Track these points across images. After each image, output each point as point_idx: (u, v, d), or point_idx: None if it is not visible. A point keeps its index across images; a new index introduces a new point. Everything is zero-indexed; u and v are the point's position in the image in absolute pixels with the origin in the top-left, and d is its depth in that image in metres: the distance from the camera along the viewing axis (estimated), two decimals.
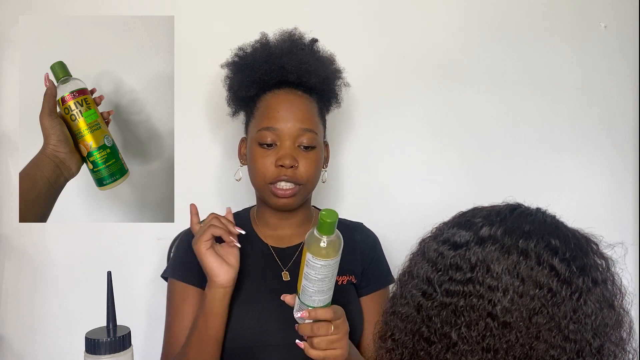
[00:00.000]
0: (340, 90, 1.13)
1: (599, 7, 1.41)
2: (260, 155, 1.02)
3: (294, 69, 1.04)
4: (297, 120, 1.02)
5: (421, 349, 0.61)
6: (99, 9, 1.27)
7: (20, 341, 1.28)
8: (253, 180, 1.05)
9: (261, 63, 1.04)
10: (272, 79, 1.05)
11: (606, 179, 1.43)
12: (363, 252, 1.10)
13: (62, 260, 1.28)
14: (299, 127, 1.02)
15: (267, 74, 1.04)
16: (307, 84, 1.06)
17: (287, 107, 1.03)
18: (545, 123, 1.40)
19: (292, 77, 1.05)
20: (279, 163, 1.00)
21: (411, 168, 1.38)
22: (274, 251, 1.08)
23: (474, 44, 1.38)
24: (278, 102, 1.03)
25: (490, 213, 0.64)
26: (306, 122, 1.03)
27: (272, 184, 1.02)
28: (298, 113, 1.03)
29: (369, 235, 1.14)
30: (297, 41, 1.08)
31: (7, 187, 1.26)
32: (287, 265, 1.06)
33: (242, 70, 1.06)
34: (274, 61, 1.04)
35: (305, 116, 1.04)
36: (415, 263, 0.66)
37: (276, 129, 1.01)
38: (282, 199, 1.02)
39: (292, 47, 1.07)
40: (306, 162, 1.03)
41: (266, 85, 1.05)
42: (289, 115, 1.02)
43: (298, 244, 1.08)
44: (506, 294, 0.58)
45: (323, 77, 1.08)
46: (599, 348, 0.58)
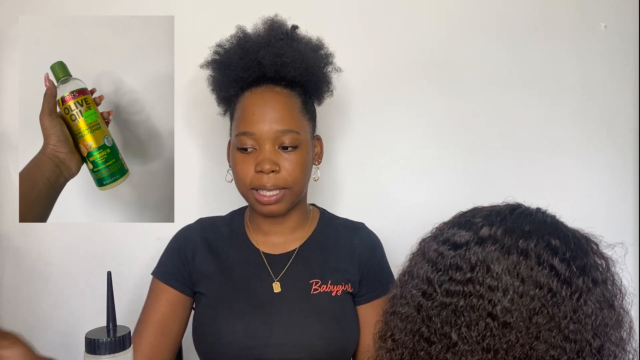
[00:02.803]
0: (330, 77, 1.05)
1: (599, 7, 1.41)
2: (240, 160, 0.97)
3: (270, 63, 0.97)
4: (274, 122, 0.96)
5: (421, 349, 0.61)
6: (99, 9, 1.27)
7: None
8: (236, 185, 1.01)
9: (237, 60, 0.98)
10: (250, 76, 0.99)
11: (606, 179, 1.43)
12: (361, 257, 1.04)
13: (62, 260, 1.28)
14: (277, 128, 0.95)
15: (244, 70, 0.98)
16: (286, 77, 0.99)
17: (262, 108, 0.96)
18: (545, 123, 1.40)
19: (269, 72, 0.98)
20: (258, 169, 0.95)
21: (411, 168, 1.37)
22: (266, 258, 1.03)
23: (473, 43, 1.38)
24: (253, 103, 0.97)
25: (490, 213, 0.64)
26: (285, 122, 0.96)
27: (254, 190, 0.97)
28: (274, 113, 0.96)
29: (369, 239, 1.08)
30: (276, 31, 1.00)
31: (7, 187, 1.26)
32: (278, 274, 1.01)
33: (221, 68, 1.01)
34: (250, 57, 0.98)
35: (284, 115, 0.97)
36: (415, 263, 0.66)
37: (253, 133, 0.95)
38: (267, 206, 0.97)
39: (270, 38, 0.99)
40: (288, 163, 0.96)
41: (245, 83, 0.99)
42: (265, 117, 0.96)
43: (291, 250, 1.03)
44: (506, 294, 0.58)
45: (305, 67, 0.99)
46: (599, 348, 0.59)
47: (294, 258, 1.03)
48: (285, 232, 1.04)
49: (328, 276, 1.01)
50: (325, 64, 1.04)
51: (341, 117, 1.34)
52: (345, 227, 1.09)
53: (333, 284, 1.00)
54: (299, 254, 1.03)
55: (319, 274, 1.01)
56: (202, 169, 1.32)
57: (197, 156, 1.31)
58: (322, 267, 1.02)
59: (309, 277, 1.01)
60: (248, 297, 0.99)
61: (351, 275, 1.02)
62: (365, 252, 1.05)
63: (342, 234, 1.07)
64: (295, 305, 0.98)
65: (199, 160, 1.32)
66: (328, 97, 1.09)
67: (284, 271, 1.01)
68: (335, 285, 1.00)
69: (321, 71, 1.03)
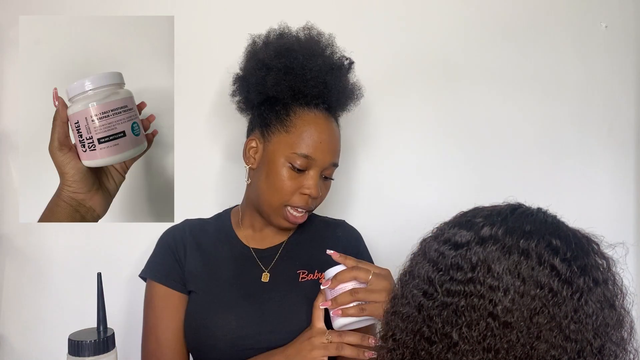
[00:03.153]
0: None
1: (600, 7, 1.41)
2: (289, 177, 0.98)
3: (336, 92, 1.01)
4: (332, 154, 1.00)
5: (422, 349, 0.61)
6: (99, 9, 1.27)
7: (21, 341, 1.28)
8: (266, 194, 1.00)
9: (309, 77, 0.98)
10: (312, 94, 0.99)
11: (607, 179, 1.43)
12: (345, 248, 1.05)
13: (62, 260, 1.28)
14: (331, 161, 1.00)
15: (311, 88, 0.99)
16: (337, 109, 1.05)
17: (327, 138, 0.99)
18: (546, 123, 1.40)
19: (331, 100, 1.02)
20: (307, 192, 0.98)
21: (412, 168, 1.37)
22: (255, 253, 1.06)
23: (475, 44, 1.38)
24: (320, 130, 0.99)
25: (491, 213, 0.64)
26: (337, 156, 1.02)
27: (288, 207, 0.99)
28: (335, 146, 1.01)
29: (352, 232, 1.13)
30: (337, 56, 1.04)
31: (7, 187, 1.26)
32: (268, 266, 1.04)
33: (283, 70, 0.98)
34: (320, 77, 0.99)
35: (338, 149, 1.03)
36: (416, 263, 0.66)
37: (315, 160, 0.98)
38: (289, 223, 1.01)
39: (334, 66, 1.02)
40: (324, 190, 1.03)
41: (303, 98, 1.00)
42: (328, 148, 0.99)
43: (279, 244, 1.07)
44: (507, 293, 0.58)
45: (349, 108, 1.09)
46: (600, 348, 0.58)
47: (282, 251, 1.06)
48: (275, 229, 1.07)
49: (315, 267, 1.04)
50: (357, 103, 1.10)
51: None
52: (327, 223, 1.15)
53: (320, 273, 1.03)
54: (286, 247, 1.07)
55: (306, 265, 1.04)
56: (202, 168, 1.32)
57: (197, 156, 1.31)
58: (308, 259, 1.05)
59: (297, 268, 1.04)
60: (238, 288, 1.01)
61: (337, 264, 1.04)
62: (348, 244, 1.10)
63: (325, 228, 1.12)
64: (285, 293, 1.01)
65: (199, 160, 1.32)
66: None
67: (273, 263, 1.05)
68: (322, 274, 1.01)
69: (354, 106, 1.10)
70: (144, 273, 1.06)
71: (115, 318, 1.03)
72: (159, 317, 1.01)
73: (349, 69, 1.06)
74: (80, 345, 0.69)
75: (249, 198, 1.07)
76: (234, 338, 0.96)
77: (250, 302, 0.99)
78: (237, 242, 1.07)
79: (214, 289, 1.01)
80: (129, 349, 1.13)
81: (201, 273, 1.03)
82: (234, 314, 0.98)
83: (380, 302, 0.83)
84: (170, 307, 1.02)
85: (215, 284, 1.01)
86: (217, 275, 1.03)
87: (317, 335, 0.90)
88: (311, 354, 0.88)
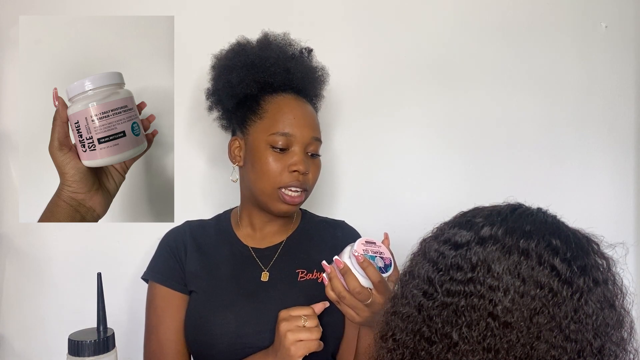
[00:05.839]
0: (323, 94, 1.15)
1: (600, 7, 1.41)
2: (275, 159, 1.00)
3: (299, 75, 1.05)
4: (310, 128, 1.03)
5: (422, 349, 0.61)
6: (99, 9, 1.27)
7: (21, 341, 1.28)
8: (258, 183, 1.02)
9: (268, 65, 1.03)
10: (277, 82, 1.04)
11: (607, 179, 1.43)
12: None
13: (62, 260, 1.28)
14: (311, 135, 1.02)
15: (273, 76, 1.04)
16: (306, 91, 1.08)
17: (301, 114, 1.03)
18: (546, 123, 1.40)
19: (296, 83, 1.05)
20: (294, 168, 1.00)
21: (412, 168, 1.37)
22: (254, 252, 1.07)
23: (474, 44, 1.38)
24: (292, 108, 1.03)
25: (491, 213, 0.64)
26: (316, 131, 1.05)
27: (282, 189, 1.01)
28: (310, 121, 1.04)
29: (352, 232, 1.14)
30: (295, 47, 1.09)
31: (7, 187, 1.26)
32: (267, 265, 1.05)
33: (244, 66, 1.04)
34: (280, 64, 1.04)
35: (315, 124, 1.05)
36: (416, 263, 0.66)
37: (293, 135, 1.00)
38: (288, 205, 1.01)
39: (294, 52, 1.08)
40: (313, 169, 1.04)
41: (270, 87, 1.05)
42: (304, 122, 1.02)
43: (278, 243, 1.08)
44: (507, 293, 0.58)
45: (319, 91, 1.12)
46: (600, 348, 0.58)
47: (281, 250, 1.07)
48: (276, 226, 1.09)
49: (313, 267, 1.05)
50: (325, 84, 1.14)
51: (341, 118, 1.34)
52: (327, 223, 1.15)
53: (319, 272, 1.04)
54: (285, 246, 1.08)
55: (305, 265, 1.05)
56: (202, 168, 1.32)
57: (197, 156, 1.31)
58: (307, 259, 1.06)
59: (296, 267, 1.05)
60: (237, 287, 1.02)
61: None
62: (348, 244, 1.07)
63: (325, 229, 1.14)
64: (284, 292, 1.01)
65: (199, 160, 1.32)
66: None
67: (272, 262, 1.05)
68: (321, 274, 1.02)
69: (322, 90, 1.14)
70: (146, 275, 1.07)
71: (116, 318, 1.03)
72: (160, 317, 1.02)
73: (309, 54, 1.10)
74: (80, 345, 0.69)
75: (245, 196, 1.09)
76: (233, 337, 0.97)
77: (250, 301, 1.00)
78: (237, 241, 1.08)
79: (214, 288, 1.02)
80: (129, 349, 1.13)
81: (201, 273, 1.04)
82: (233, 313, 0.99)
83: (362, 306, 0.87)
84: (172, 307, 1.02)
85: (215, 283, 1.02)
86: (217, 274, 1.03)
87: (283, 321, 0.91)
88: (286, 341, 0.89)
